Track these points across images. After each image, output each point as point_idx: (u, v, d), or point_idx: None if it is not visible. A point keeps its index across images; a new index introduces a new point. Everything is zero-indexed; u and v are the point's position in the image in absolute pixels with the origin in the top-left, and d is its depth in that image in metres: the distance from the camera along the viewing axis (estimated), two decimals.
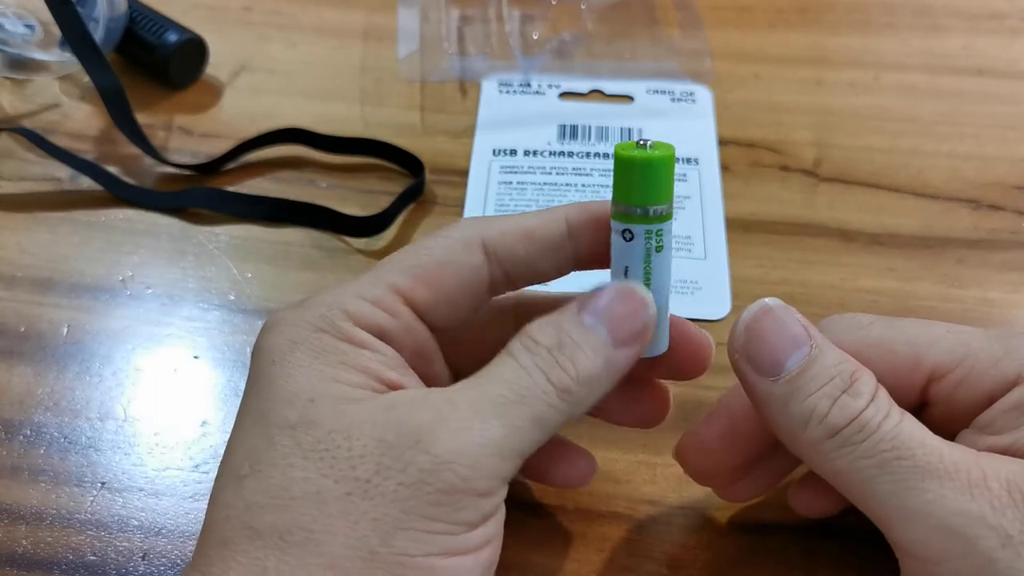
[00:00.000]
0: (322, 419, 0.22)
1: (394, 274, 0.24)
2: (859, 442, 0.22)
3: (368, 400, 0.22)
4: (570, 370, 0.23)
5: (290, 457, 0.21)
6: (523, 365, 0.23)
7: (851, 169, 0.42)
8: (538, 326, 0.24)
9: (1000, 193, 0.41)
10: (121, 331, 0.36)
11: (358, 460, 0.21)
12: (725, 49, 0.48)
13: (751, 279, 0.38)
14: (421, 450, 0.21)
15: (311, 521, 0.21)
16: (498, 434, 0.22)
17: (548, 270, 0.26)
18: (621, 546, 0.29)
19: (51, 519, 0.30)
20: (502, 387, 0.22)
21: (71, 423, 0.33)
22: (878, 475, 0.22)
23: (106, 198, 0.40)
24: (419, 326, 0.25)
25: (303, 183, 0.42)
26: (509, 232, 0.25)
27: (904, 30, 0.50)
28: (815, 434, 0.23)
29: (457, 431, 0.21)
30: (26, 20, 0.46)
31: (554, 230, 0.25)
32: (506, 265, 0.25)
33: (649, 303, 0.24)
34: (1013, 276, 0.38)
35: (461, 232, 0.25)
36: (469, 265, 0.25)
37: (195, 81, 0.46)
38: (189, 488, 0.31)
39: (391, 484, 0.21)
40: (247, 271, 0.38)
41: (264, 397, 0.22)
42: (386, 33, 0.49)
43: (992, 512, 0.21)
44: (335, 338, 0.23)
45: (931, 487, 0.21)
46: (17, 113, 0.45)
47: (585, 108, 0.45)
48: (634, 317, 0.24)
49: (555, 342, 0.23)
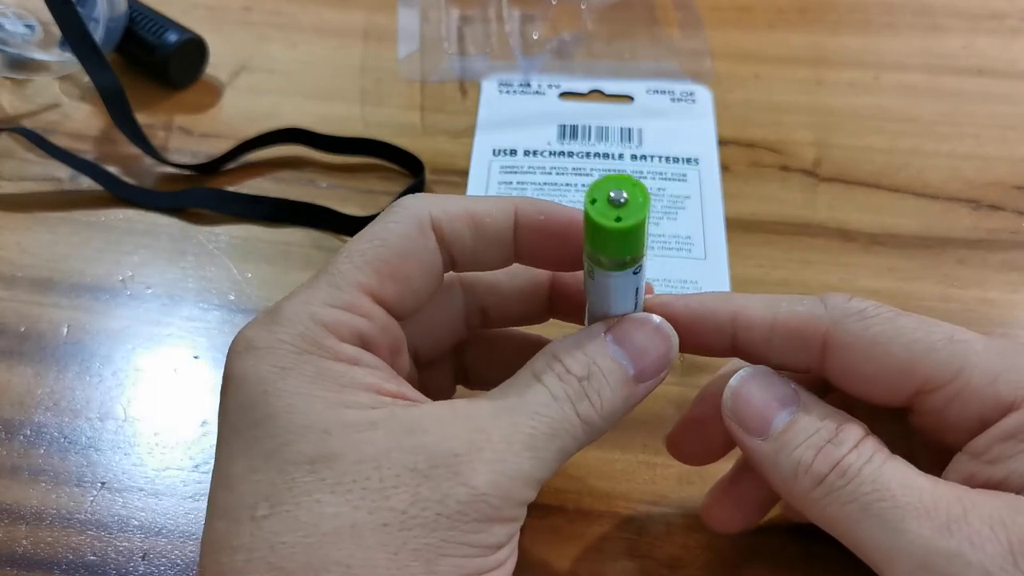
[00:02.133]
0: (343, 451, 0.21)
1: (359, 273, 0.23)
2: (842, 487, 0.22)
3: (384, 423, 0.22)
4: (596, 403, 0.23)
5: (315, 493, 0.21)
6: (554, 395, 0.23)
7: (851, 169, 0.42)
8: (567, 352, 0.24)
9: (1000, 193, 0.41)
10: (121, 331, 0.36)
11: (391, 491, 0.21)
12: (725, 49, 0.48)
13: (751, 279, 0.38)
14: (460, 483, 0.21)
15: (348, 556, 0.20)
16: (528, 466, 0.22)
17: (491, 261, 0.26)
18: (621, 546, 0.29)
19: (51, 519, 0.30)
20: (534, 419, 0.22)
21: (71, 423, 0.33)
22: (863, 518, 0.22)
23: (106, 198, 0.41)
24: (391, 323, 0.24)
25: (303, 183, 0.42)
26: (457, 216, 0.25)
27: (904, 30, 0.50)
28: (804, 484, 0.23)
29: (492, 463, 0.21)
30: (26, 20, 0.46)
31: (501, 222, 0.25)
32: (452, 249, 0.25)
33: (673, 340, 0.24)
34: (1013, 276, 0.38)
35: (414, 215, 0.24)
36: (427, 251, 0.24)
37: (195, 81, 0.46)
38: (189, 488, 0.31)
39: (430, 514, 0.21)
40: (247, 271, 0.38)
41: (267, 432, 0.21)
42: (386, 33, 0.49)
43: (971, 548, 0.21)
44: (325, 359, 0.22)
45: (911, 526, 0.21)
46: (17, 113, 0.45)
47: (585, 108, 0.45)
48: (658, 353, 0.24)
49: (585, 372, 0.23)
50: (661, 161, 0.42)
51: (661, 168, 0.42)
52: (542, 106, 0.45)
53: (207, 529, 0.22)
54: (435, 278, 0.25)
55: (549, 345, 0.24)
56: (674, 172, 0.42)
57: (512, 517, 0.22)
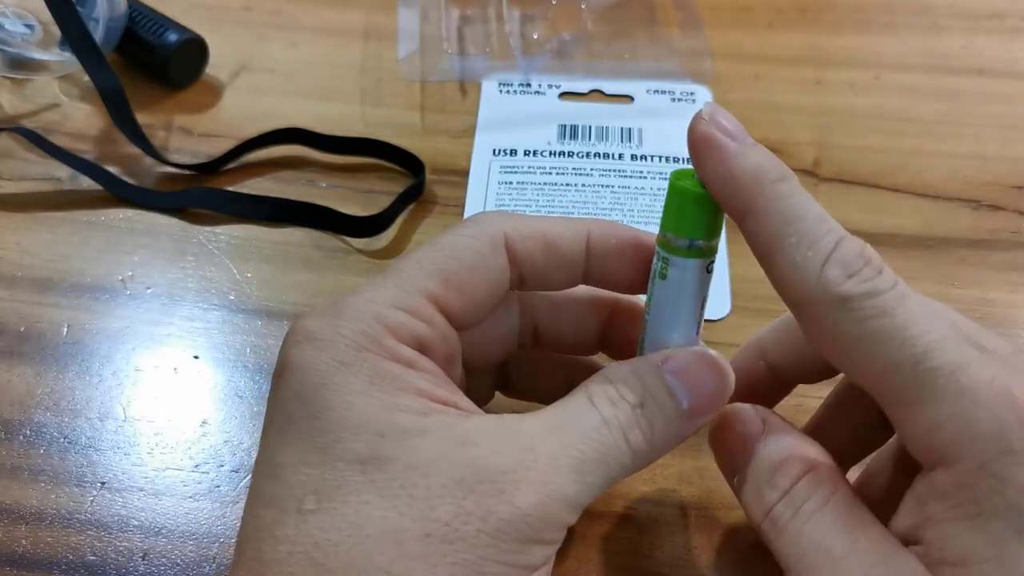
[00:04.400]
0: (395, 455, 0.21)
1: (427, 280, 0.24)
2: (774, 538, 0.23)
3: (436, 431, 0.21)
4: (647, 433, 0.23)
5: (363, 494, 0.21)
6: (606, 419, 0.22)
7: (851, 169, 0.42)
8: (623, 377, 0.23)
9: (1000, 193, 0.41)
10: (121, 331, 0.36)
11: (437, 500, 0.21)
12: (725, 49, 0.48)
13: (751, 279, 0.38)
14: (504, 500, 0.21)
15: (389, 562, 0.20)
16: (572, 490, 0.22)
17: (559, 282, 0.26)
18: (621, 546, 0.29)
19: (51, 519, 0.30)
20: (583, 442, 0.22)
21: (71, 423, 0.33)
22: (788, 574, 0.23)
23: (106, 198, 0.40)
24: (451, 332, 0.24)
25: (303, 183, 0.42)
26: (531, 236, 0.25)
27: (904, 30, 0.50)
28: (756, 525, 0.24)
29: (537, 484, 0.21)
30: (26, 20, 0.46)
31: (573, 244, 0.25)
32: (522, 268, 0.25)
33: (729, 378, 0.24)
34: (1013, 276, 0.38)
35: (488, 232, 0.25)
36: (497, 268, 0.24)
37: (195, 81, 0.46)
38: (189, 488, 0.31)
39: (471, 529, 0.20)
40: (247, 271, 0.38)
41: (322, 426, 0.21)
42: (386, 33, 0.49)
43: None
44: (383, 358, 0.22)
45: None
46: (17, 113, 0.45)
47: (585, 108, 0.45)
48: (713, 390, 0.24)
49: (639, 399, 0.23)
50: (661, 161, 0.42)
51: (661, 168, 0.42)
52: (542, 106, 0.45)
53: (249, 516, 0.22)
54: (499, 294, 0.25)
55: (605, 369, 0.24)
56: None
57: (551, 540, 0.22)
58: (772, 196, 0.22)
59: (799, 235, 0.22)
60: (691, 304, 0.24)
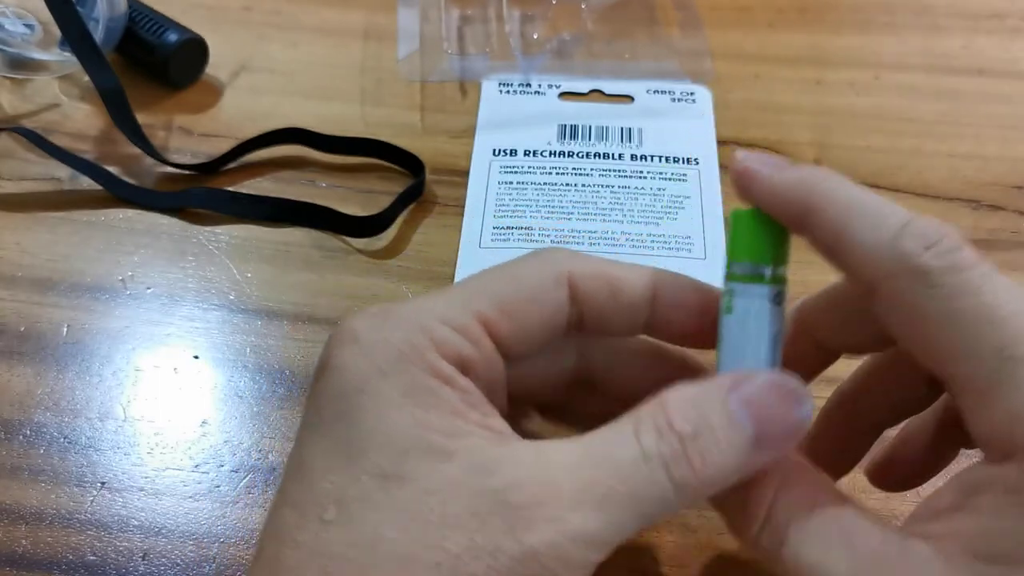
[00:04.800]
0: (415, 476, 0.20)
1: (481, 301, 0.23)
2: (774, 554, 0.22)
3: (461, 456, 0.21)
4: (697, 466, 0.20)
5: (381, 511, 0.20)
6: (645, 451, 0.20)
7: (851, 169, 0.42)
8: (678, 403, 0.21)
9: (1000, 193, 0.41)
10: (121, 331, 0.36)
11: (449, 531, 0.20)
12: (725, 49, 0.48)
13: None
14: (514, 539, 0.20)
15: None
16: (595, 527, 0.20)
17: (620, 327, 0.25)
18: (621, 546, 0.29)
19: (51, 519, 0.30)
20: (613, 477, 0.20)
21: (71, 423, 0.33)
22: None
23: (106, 198, 0.41)
24: (497, 358, 0.24)
25: (303, 183, 0.42)
26: (596, 276, 0.24)
27: (904, 30, 0.50)
28: None
29: (553, 521, 0.20)
30: (26, 20, 0.46)
31: (639, 290, 0.24)
32: (583, 308, 0.24)
33: (808, 407, 0.21)
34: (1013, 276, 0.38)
35: (553, 266, 0.24)
36: (555, 303, 0.24)
37: (195, 81, 0.46)
38: (189, 488, 0.31)
39: (481, 565, 0.19)
40: (247, 271, 0.38)
41: (354, 432, 0.21)
42: (386, 33, 0.49)
43: None
44: (422, 371, 0.22)
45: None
46: (17, 113, 0.45)
47: (585, 108, 0.45)
48: (788, 420, 0.21)
49: (691, 429, 0.21)
50: (661, 161, 0.42)
51: (661, 168, 0.42)
52: (542, 106, 0.45)
53: (275, 514, 0.22)
54: (554, 330, 0.24)
55: (663, 392, 0.22)
56: (674, 172, 0.42)
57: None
58: (829, 188, 0.21)
59: (865, 216, 0.21)
60: (760, 338, 0.22)
